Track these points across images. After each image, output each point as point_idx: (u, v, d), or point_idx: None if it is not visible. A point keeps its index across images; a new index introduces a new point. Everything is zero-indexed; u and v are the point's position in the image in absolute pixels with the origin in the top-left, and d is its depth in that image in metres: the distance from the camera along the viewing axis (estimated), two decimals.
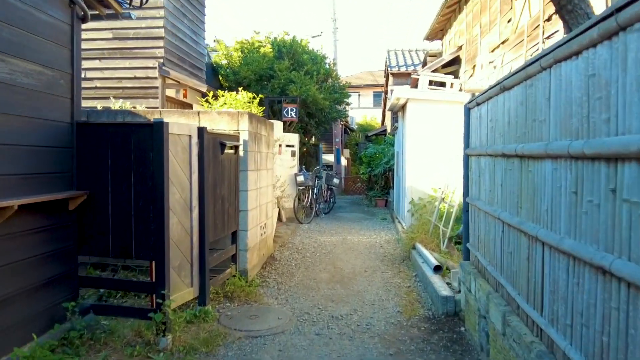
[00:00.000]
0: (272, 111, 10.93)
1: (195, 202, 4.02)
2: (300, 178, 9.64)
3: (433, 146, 7.75)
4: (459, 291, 4.55)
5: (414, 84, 9.24)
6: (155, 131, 3.48)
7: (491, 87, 3.26)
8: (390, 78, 17.99)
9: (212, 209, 4.36)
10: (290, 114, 9.69)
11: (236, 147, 5.00)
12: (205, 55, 10.09)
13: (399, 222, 9.08)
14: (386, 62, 18.81)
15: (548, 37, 4.88)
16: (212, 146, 4.36)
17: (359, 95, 36.01)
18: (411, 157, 7.80)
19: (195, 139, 4.03)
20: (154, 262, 3.53)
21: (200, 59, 9.81)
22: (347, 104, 12.90)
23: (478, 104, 3.71)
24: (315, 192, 10.50)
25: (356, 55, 61.23)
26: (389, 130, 19.51)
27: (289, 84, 10.72)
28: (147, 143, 3.51)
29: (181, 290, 3.86)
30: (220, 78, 11.64)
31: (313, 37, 12.61)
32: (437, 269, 5.09)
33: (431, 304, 4.63)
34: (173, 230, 3.70)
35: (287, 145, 9.81)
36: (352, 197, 16.96)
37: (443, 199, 6.81)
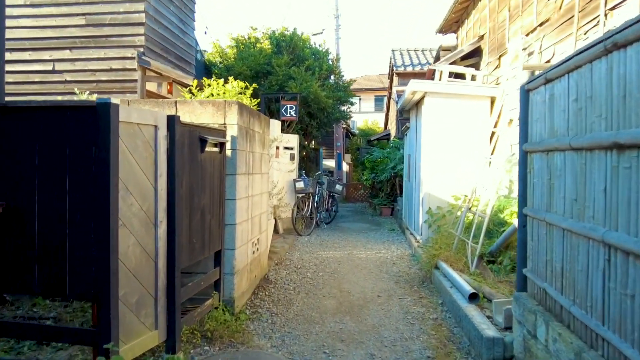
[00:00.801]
0: (270, 110, 9.95)
1: (162, 216, 3.00)
2: (300, 184, 8.64)
3: (454, 147, 6.75)
4: (505, 328, 3.54)
5: (429, 77, 8.27)
6: (100, 116, 2.47)
7: (579, 52, 2.26)
8: (396, 79, 17.06)
9: (188, 224, 3.34)
10: (290, 112, 8.71)
11: (222, 145, 3.99)
12: (194, 47, 9.12)
13: (411, 234, 8.07)
14: (391, 61, 17.89)
15: (613, 8, 3.91)
16: (188, 142, 3.35)
17: (360, 99, 35.06)
18: (428, 160, 6.80)
19: (163, 131, 3.02)
20: (96, 302, 2.51)
21: (189, 51, 8.83)
22: (352, 103, 11.92)
23: (547, 82, 2.70)
24: (316, 200, 9.49)
25: (357, 59, 60.51)
26: (393, 134, 18.54)
27: (288, 80, 9.75)
28: (88, 134, 2.50)
29: (140, 336, 2.84)
30: (214, 77, 10.67)
31: (314, 34, 11.57)
32: (473, 296, 4.07)
33: (469, 344, 3.61)
34: (128, 254, 2.68)
35: (286, 148, 8.82)
36: (354, 205, 15.94)
37: (470, 208, 5.80)
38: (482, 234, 5.18)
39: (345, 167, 18.38)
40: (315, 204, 9.44)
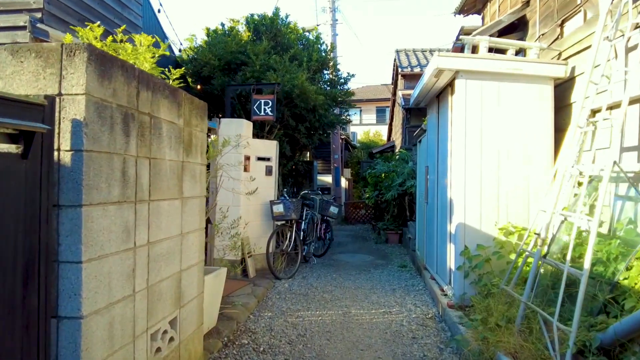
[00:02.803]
0: (244, 110, 7.70)
1: None
2: (279, 208, 6.33)
3: (500, 154, 4.48)
4: None
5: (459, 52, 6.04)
6: None
7: None
8: (401, 81, 14.89)
9: None
10: (264, 110, 6.46)
11: (28, 138, 1.70)
12: (139, 17, 6.89)
13: (433, 277, 5.73)
14: (395, 62, 15.76)
15: None
16: None
17: (361, 110, 33.04)
18: (460, 174, 4.51)
19: None
20: None
21: (130, 21, 6.61)
22: (350, 105, 9.66)
23: None
24: (303, 227, 7.17)
25: (358, 67, 58.73)
26: (398, 145, 16.27)
27: (267, 72, 7.52)
28: None
29: None
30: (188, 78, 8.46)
31: (306, 31, 9.33)
32: None
33: None
34: None
35: (260, 158, 6.54)
36: (354, 228, 13.59)
37: (544, 255, 3.48)
38: (579, 307, 2.85)
39: (344, 183, 16.08)
40: (302, 232, 7.12)
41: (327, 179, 15.34)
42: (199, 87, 8.28)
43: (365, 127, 30.23)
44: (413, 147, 10.74)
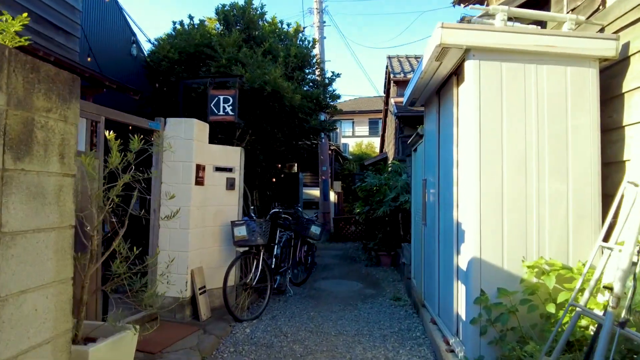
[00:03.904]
0: (202, 110, 6.45)
1: None
2: (241, 231, 5.06)
3: (526, 162, 3.26)
4: None
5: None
6: None
7: None
8: (393, 88, 13.77)
9: None
10: (224, 108, 5.23)
11: None
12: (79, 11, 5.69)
13: (434, 321, 4.47)
14: (387, 69, 14.66)
15: None
16: None
17: (353, 122, 32.03)
18: (473, 189, 3.28)
19: None
20: None
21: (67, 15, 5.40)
22: (336, 109, 8.45)
23: None
24: (276, 252, 5.90)
25: (350, 79, 57.95)
26: (390, 156, 15.09)
27: (235, 66, 6.32)
28: None
29: None
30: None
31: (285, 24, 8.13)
32: None
33: None
34: None
35: (219, 169, 5.29)
36: (343, 247, 12.31)
37: (622, 324, 2.23)
38: None
39: (333, 197, 14.83)
40: (274, 259, 5.84)
41: (316, 192, 14.10)
42: (156, 85, 7.07)
43: (357, 138, 29.14)
44: (407, 157, 9.54)
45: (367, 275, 8.09)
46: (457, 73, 3.86)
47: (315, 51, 7.74)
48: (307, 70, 7.88)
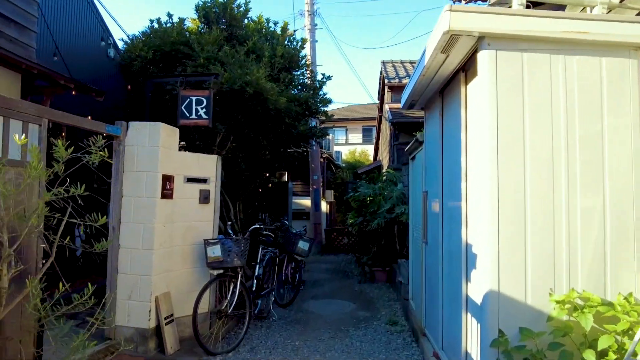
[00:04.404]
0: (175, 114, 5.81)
1: None
2: (215, 251, 4.42)
3: (561, 175, 2.66)
4: None
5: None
6: None
7: None
8: (388, 94, 13.24)
9: None
10: (197, 111, 4.60)
11: None
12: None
13: (438, 356, 3.84)
14: (381, 74, 14.14)
15: None
16: None
17: (347, 129, 31.49)
18: (491, 205, 2.66)
19: None
20: None
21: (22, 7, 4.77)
22: (327, 115, 7.85)
23: None
24: (257, 273, 5.25)
25: (344, 87, 57.60)
26: (385, 164, 14.50)
27: (213, 65, 5.71)
28: None
29: None
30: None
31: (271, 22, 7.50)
32: None
33: None
34: None
35: (191, 180, 4.66)
36: (335, 259, 11.65)
37: None
38: None
39: (324, 207, 14.21)
40: (255, 281, 5.19)
41: (307, 202, 13.46)
42: (129, 87, 6.44)
43: (351, 146, 28.58)
44: (403, 166, 8.97)
45: (360, 293, 7.45)
46: (465, 69, 3.28)
47: (306, 52, 7.16)
48: (295, 73, 7.28)
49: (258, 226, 5.19)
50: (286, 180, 13.78)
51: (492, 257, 2.66)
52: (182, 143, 6.77)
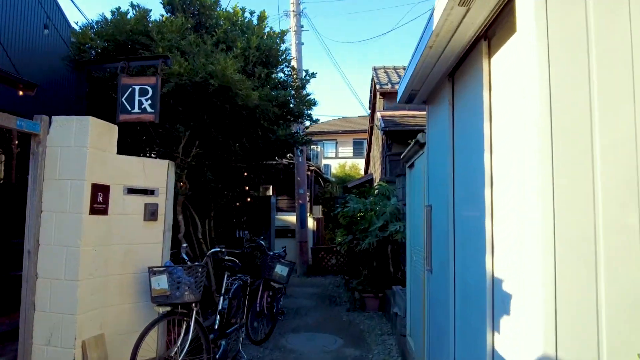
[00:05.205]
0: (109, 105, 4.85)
1: None
2: (161, 282, 3.43)
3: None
4: None
5: None
6: None
7: None
8: (380, 102, 12.46)
9: None
10: (141, 103, 3.66)
11: None
12: None
13: None
14: (373, 81, 13.38)
15: None
16: None
17: (337, 142, 30.74)
18: (544, 224, 1.73)
19: None
20: None
21: None
22: (312, 119, 6.92)
23: None
24: (221, 307, 4.24)
25: (332, 98, 57.03)
26: (377, 177, 13.63)
27: (171, 53, 4.79)
28: None
29: None
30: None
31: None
32: None
33: None
34: None
35: (133, 191, 3.69)
36: (323, 282, 10.62)
37: None
38: None
39: (311, 223, 13.23)
40: (218, 317, 4.18)
41: (292, 218, 12.48)
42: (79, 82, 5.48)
43: (341, 160, 27.75)
44: (397, 178, 8.07)
45: (349, 325, 6.45)
46: (488, 36, 2.40)
47: (286, 46, 6.28)
48: (276, 71, 6.39)
49: (218, 249, 4.21)
50: (271, 194, 12.83)
51: (544, 303, 1.73)
52: (151, 149, 5.80)
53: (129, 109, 3.68)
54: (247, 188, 8.17)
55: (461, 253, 2.82)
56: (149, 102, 3.65)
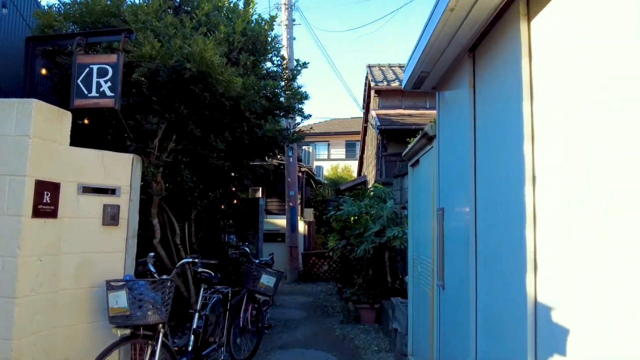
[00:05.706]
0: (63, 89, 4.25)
1: None
2: (119, 300, 2.84)
3: None
4: None
5: None
6: None
7: None
8: (374, 100, 11.96)
9: None
10: (99, 86, 3.10)
11: None
12: None
13: None
14: (367, 78, 12.89)
15: None
16: None
17: (329, 144, 30.24)
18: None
19: None
20: None
21: None
22: (303, 115, 6.37)
23: None
24: (195, 326, 3.66)
25: (326, 99, 56.58)
26: (371, 180, 13.11)
27: (144, 34, 4.22)
28: None
29: None
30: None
31: None
32: None
33: None
34: None
35: (89, 189, 3.10)
36: (314, 290, 10.05)
37: None
38: None
39: (302, 227, 12.67)
40: (193, 337, 3.61)
41: (282, 221, 11.90)
42: (43, 71, 4.88)
43: (333, 162, 27.22)
44: (394, 179, 7.55)
45: (342, 339, 5.89)
46: None
47: (276, 33, 5.72)
48: (264, 63, 5.82)
49: (191, 259, 3.64)
50: (260, 196, 12.26)
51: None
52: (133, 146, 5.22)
53: (85, 92, 3.10)
54: (233, 189, 7.59)
55: (485, 269, 2.29)
56: (109, 84, 3.08)
